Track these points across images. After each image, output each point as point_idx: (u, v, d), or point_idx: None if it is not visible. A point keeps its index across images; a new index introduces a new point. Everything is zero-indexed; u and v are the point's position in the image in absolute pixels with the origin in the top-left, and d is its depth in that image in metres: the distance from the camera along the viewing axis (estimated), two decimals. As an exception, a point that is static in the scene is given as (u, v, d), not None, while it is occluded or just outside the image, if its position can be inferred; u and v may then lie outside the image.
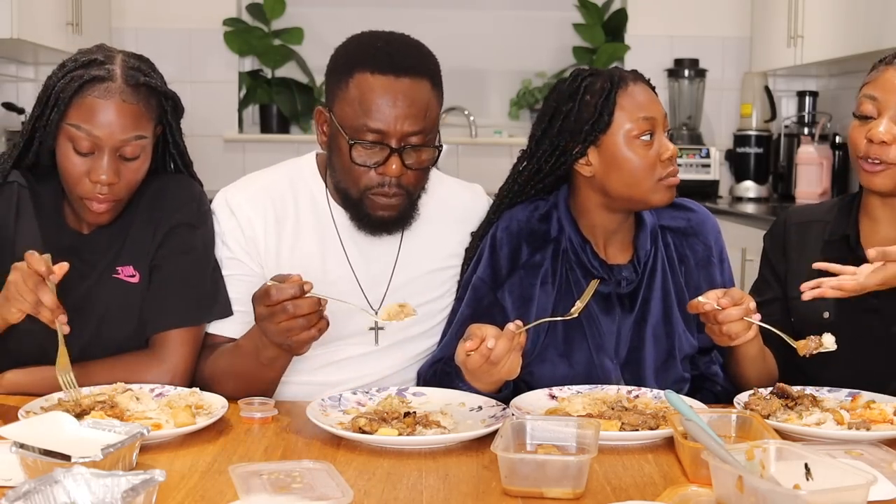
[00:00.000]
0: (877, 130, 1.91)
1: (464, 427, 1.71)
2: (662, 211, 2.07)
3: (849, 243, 2.01)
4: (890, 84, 1.93)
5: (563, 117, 1.98)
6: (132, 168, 1.90)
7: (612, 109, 1.95)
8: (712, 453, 1.35)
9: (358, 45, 1.95)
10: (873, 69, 1.99)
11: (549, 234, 2.03)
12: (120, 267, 1.97)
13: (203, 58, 5.28)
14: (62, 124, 1.87)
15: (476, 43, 5.41)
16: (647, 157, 1.94)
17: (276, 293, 1.70)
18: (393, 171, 1.88)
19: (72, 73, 1.88)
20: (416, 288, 2.06)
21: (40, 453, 1.38)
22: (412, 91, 1.88)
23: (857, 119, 1.97)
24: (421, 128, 1.89)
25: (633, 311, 2.02)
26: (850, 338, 1.93)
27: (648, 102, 1.98)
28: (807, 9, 4.55)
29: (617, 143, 1.95)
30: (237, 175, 2.19)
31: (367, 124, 1.87)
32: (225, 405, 1.76)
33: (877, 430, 1.65)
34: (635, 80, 1.99)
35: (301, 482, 1.37)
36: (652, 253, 2.04)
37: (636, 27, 5.32)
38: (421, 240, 2.07)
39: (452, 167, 5.18)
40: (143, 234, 1.98)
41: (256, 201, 2.02)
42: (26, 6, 4.05)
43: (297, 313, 1.70)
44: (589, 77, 1.99)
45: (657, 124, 1.96)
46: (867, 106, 1.95)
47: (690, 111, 5.27)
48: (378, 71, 1.87)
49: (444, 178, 2.19)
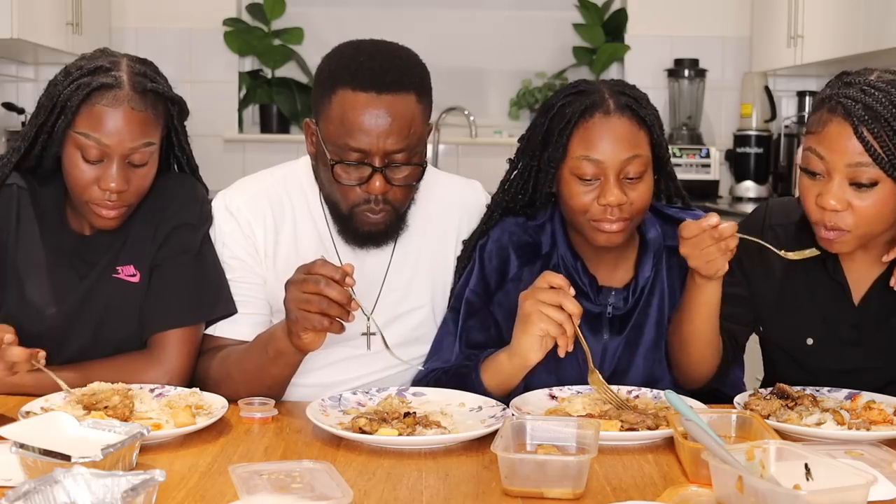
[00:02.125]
0: (827, 200, 1.74)
1: (464, 427, 1.71)
2: (668, 228, 2.01)
3: (825, 266, 1.91)
4: (835, 143, 1.72)
5: (538, 133, 1.95)
6: (141, 174, 1.90)
7: (566, 143, 1.89)
8: (712, 453, 1.35)
9: (340, 60, 1.91)
10: (816, 109, 1.78)
11: (541, 249, 2.01)
12: (120, 266, 1.97)
13: (203, 58, 5.28)
14: (69, 132, 1.87)
15: (476, 43, 5.40)
16: (580, 199, 1.88)
17: (320, 265, 1.70)
18: (377, 188, 1.86)
19: (78, 80, 1.86)
20: (410, 290, 2.06)
21: (40, 453, 1.38)
22: (395, 107, 1.83)
23: (805, 173, 1.79)
24: (404, 145, 1.85)
25: (623, 334, 1.98)
26: (832, 366, 1.91)
27: (604, 143, 1.86)
28: (807, 9, 4.55)
29: (563, 174, 1.90)
30: (237, 175, 2.19)
31: (348, 143, 1.84)
32: (225, 405, 1.76)
33: (877, 430, 1.65)
34: (608, 113, 1.87)
35: (301, 482, 1.37)
36: (651, 276, 1.99)
37: (636, 27, 5.32)
38: (415, 241, 2.06)
39: (452, 167, 5.17)
40: (145, 234, 1.98)
41: (255, 204, 2.02)
42: (26, 6, 4.05)
43: (324, 291, 1.68)
44: (571, 95, 1.92)
45: (606, 169, 1.85)
46: (815, 163, 1.76)
47: (690, 111, 5.27)
48: (359, 88, 1.83)
49: (442, 175, 2.17)
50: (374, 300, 2.02)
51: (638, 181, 1.88)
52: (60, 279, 1.96)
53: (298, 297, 1.71)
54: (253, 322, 1.97)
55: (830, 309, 1.92)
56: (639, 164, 1.87)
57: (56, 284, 1.96)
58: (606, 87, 1.92)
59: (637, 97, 1.92)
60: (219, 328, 1.99)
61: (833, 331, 1.92)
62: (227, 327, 1.98)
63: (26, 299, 1.88)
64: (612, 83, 1.95)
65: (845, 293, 1.91)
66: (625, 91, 1.92)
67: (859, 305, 1.90)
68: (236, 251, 2.00)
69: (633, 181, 1.87)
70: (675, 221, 2.00)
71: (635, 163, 1.87)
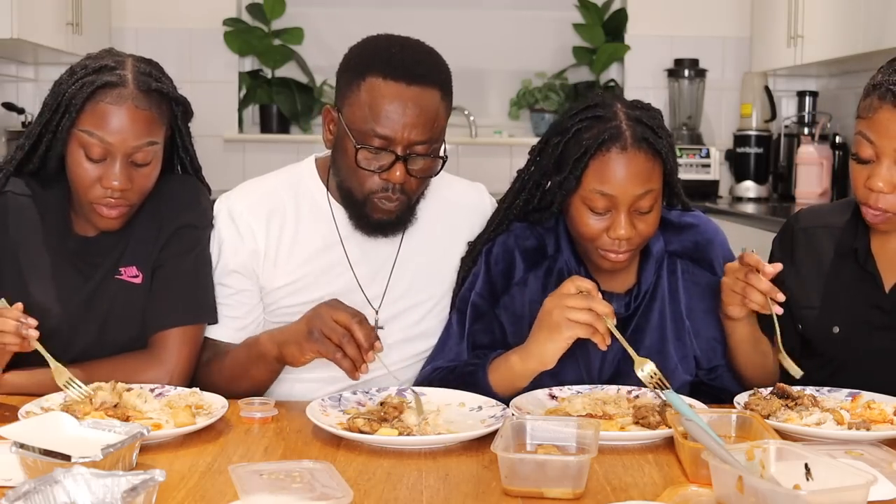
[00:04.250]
0: (875, 182, 1.83)
1: (464, 427, 1.71)
2: (669, 235, 2.02)
3: (857, 258, 1.98)
4: (885, 128, 1.81)
5: (552, 155, 1.95)
6: (144, 174, 1.90)
7: (581, 175, 1.88)
8: (712, 453, 1.36)
9: (374, 49, 1.94)
10: (867, 96, 1.86)
11: (547, 252, 2.02)
12: (123, 268, 1.98)
13: (203, 58, 5.28)
14: (73, 130, 1.87)
15: (476, 43, 5.40)
16: (589, 229, 1.89)
17: (358, 311, 1.81)
18: (397, 177, 1.89)
19: (83, 79, 1.87)
20: (416, 286, 2.07)
21: (40, 453, 1.38)
22: (422, 100, 1.87)
23: (855, 159, 1.88)
24: (427, 137, 1.89)
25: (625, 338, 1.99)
26: (859, 353, 1.95)
27: (619, 179, 1.85)
28: (807, 9, 4.54)
29: (574, 201, 1.91)
30: (237, 175, 2.20)
31: (374, 129, 1.87)
32: (225, 405, 1.76)
33: (877, 430, 1.66)
34: (625, 148, 1.85)
35: (301, 482, 1.37)
36: (653, 283, 2.01)
37: (636, 27, 5.31)
38: (422, 238, 2.07)
39: (452, 167, 5.10)
40: (147, 235, 1.99)
41: (256, 209, 2.03)
42: (26, 6, 4.04)
43: (353, 327, 1.77)
44: (588, 119, 1.90)
45: (618, 204, 1.85)
46: (865, 149, 1.85)
47: (690, 111, 5.27)
48: (390, 77, 1.87)
49: (447, 176, 2.19)
50: (381, 293, 2.04)
51: (648, 213, 1.89)
52: (64, 281, 1.96)
53: (326, 323, 1.78)
54: (236, 327, 2.02)
55: (860, 297, 1.97)
56: (651, 199, 1.88)
57: (60, 287, 1.96)
58: (624, 114, 1.89)
59: (654, 126, 1.90)
60: (215, 331, 2.02)
61: (862, 318, 1.96)
62: (218, 331, 2.02)
63: (30, 301, 1.88)
64: (628, 106, 1.92)
65: (876, 281, 1.96)
66: (642, 119, 1.89)
67: (890, 292, 1.95)
68: (230, 260, 2.02)
69: (644, 214, 1.89)
70: (676, 227, 2.03)
71: (647, 197, 1.87)
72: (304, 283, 2.01)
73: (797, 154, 4.84)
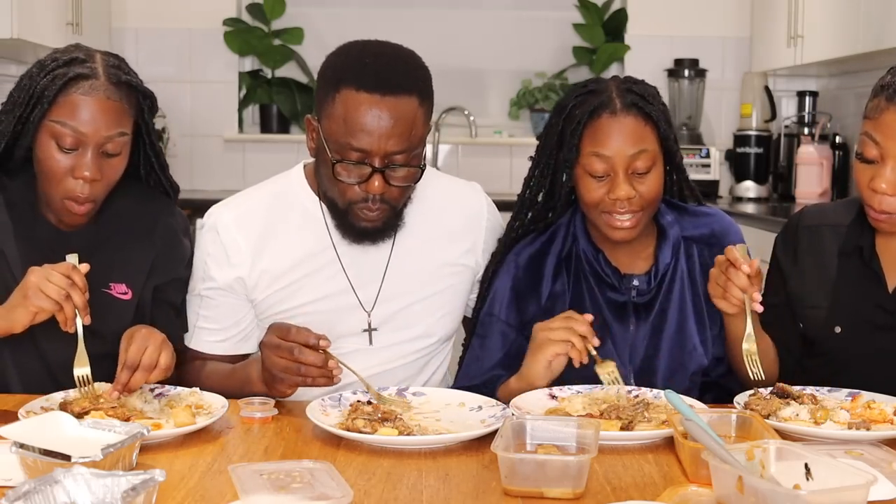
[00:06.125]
0: (879, 183, 1.84)
1: (464, 427, 1.71)
2: (685, 220, 2.07)
3: (862, 256, 1.98)
4: (891, 130, 1.82)
5: (553, 134, 2.02)
6: (112, 165, 1.92)
7: (578, 142, 1.96)
8: (712, 453, 1.36)
9: (346, 59, 1.93)
10: (875, 96, 1.86)
11: (562, 253, 2.06)
12: (113, 283, 1.99)
13: (203, 58, 5.27)
14: (44, 122, 1.88)
15: (476, 43, 5.39)
16: (592, 195, 1.96)
17: (294, 332, 1.77)
18: (375, 188, 1.88)
19: (54, 71, 1.89)
20: (409, 287, 2.07)
21: (40, 453, 1.38)
22: (398, 109, 1.85)
23: (860, 159, 1.88)
24: (405, 146, 1.87)
25: (649, 320, 2.03)
26: (860, 353, 1.94)
27: (612, 140, 1.93)
28: (807, 9, 4.54)
29: (577, 172, 1.98)
30: (237, 175, 2.21)
31: (350, 143, 1.86)
32: (225, 405, 1.77)
33: (877, 430, 1.66)
34: (615, 112, 1.94)
35: (301, 482, 1.37)
36: (672, 265, 2.04)
37: (636, 27, 5.31)
38: (415, 240, 2.07)
39: (452, 167, 5.17)
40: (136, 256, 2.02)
41: (243, 222, 2.03)
42: (26, 6, 4.04)
43: (300, 359, 1.76)
44: (582, 95, 1.99)
45: (615, 165, 1.93)
46: (870, 150, 1.85)
47: (690, 111, 5.27)
48: (363, 89, 1.85)
49: (441, 176, 2.19)
50: (374, 296, 2.04)
51: (646, 175, 1.95)
52: None
53: (276, 364, 1.78)
54: (223, 338, 2.07)
55: (863, 297, 1.97)
56: (646, 159, 1.94)
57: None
58: (614, 86, 1.98)
59: (644, 94, 1.98)
60: (198, 344, 2.07)
61: (865, 317, 1.96)
62: (207, 344, 2.06)
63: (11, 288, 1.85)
64: (620, 81, 2.01)
65: (880, 280, 1.95)
66: (632, 88, 1.98)
67: (893, 292, 1.95)
68: (216, 276, 2.03)
69: (642, 175, 1.94)
70: (692, 214, 2.08)
71: (643, 157, 1.93)
72: (297, 286, 2.02)
73: (797, 154, 4.84)
